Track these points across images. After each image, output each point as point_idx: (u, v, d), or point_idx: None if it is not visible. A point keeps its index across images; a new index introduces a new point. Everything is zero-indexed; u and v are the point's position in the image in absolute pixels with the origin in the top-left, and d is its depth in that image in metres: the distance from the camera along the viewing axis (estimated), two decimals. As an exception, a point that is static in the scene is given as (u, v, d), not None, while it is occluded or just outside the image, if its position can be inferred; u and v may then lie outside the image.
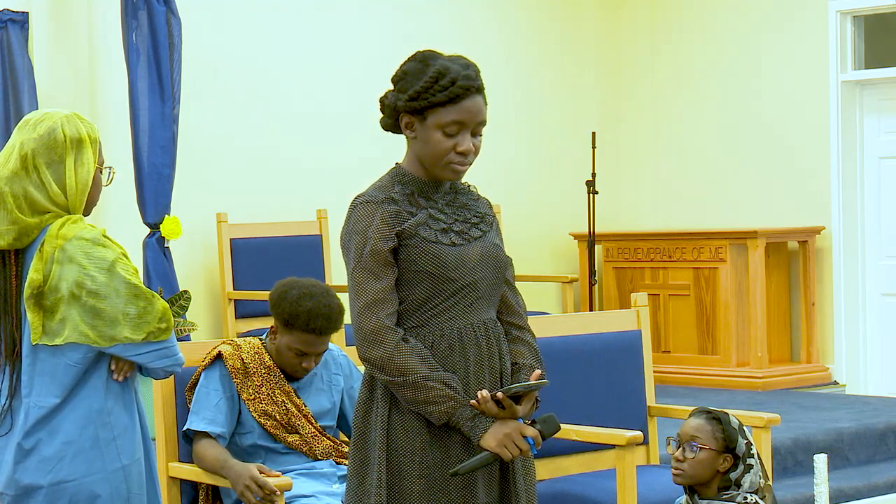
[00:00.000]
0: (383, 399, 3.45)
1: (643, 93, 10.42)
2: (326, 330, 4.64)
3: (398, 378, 3.38)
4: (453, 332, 3.45)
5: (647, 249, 9.54)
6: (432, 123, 3.44)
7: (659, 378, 7.47)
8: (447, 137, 3.43)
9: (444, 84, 3.41)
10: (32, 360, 3.69)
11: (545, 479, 5.15)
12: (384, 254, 3.41)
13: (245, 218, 8.73)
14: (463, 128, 3.43)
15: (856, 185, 9.38)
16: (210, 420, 4.63)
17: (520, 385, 3.42)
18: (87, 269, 3.64)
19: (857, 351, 9.34)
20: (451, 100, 3.41)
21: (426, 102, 3.42)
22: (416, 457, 3.43)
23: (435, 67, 3.43)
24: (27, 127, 3.75)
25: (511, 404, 3.41)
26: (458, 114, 3.42)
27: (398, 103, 3.46)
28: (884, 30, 9.39)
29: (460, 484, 3.43)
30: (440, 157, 3.45)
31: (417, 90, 3.43)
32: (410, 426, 3.43)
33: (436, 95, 3.41)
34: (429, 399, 3.38)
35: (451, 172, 3.47)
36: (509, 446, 3.41)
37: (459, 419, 3.40)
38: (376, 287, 3.40)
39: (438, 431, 3.44)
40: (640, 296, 5.62)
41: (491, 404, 3.40)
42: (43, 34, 8.18)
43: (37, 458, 3.67)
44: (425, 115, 3.44)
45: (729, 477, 4.35)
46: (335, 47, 9.29)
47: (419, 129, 3.46)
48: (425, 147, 3.46)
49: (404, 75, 3.47)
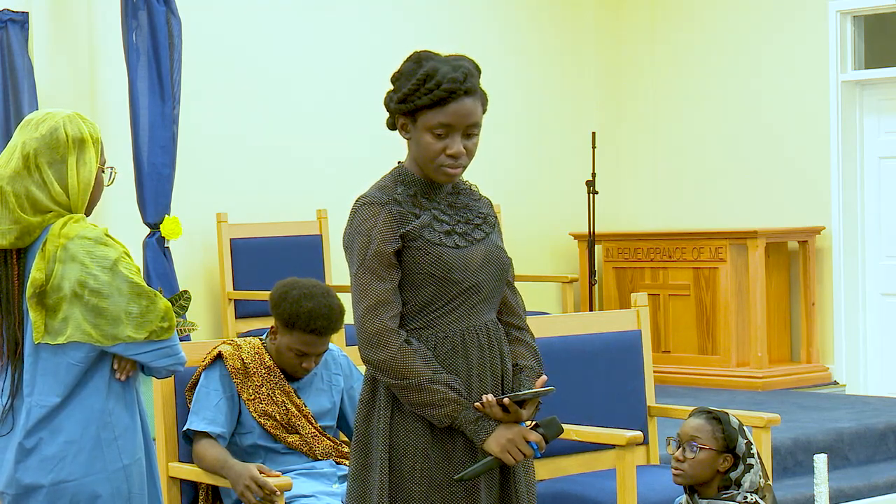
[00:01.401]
0: (385, 400, 3.45)
1: (643, 93, 10.42)
2: (327, 331, 4.64)
3: (401, 381, 3.37)
4: (456, 334, 3.45)
5: (647, 249, 9.54)
6: (422, 126, 3.43)
7: (659, 378, 7.47)
8: (436, 140, 3.42)
9: (430, 87, 3.39)
10: (34, 359, 3.69)
11: (545, 479, 5.15)
12: (388, 255, 3.40)
13: (245, 218, 8.73)
14: (452, 130, 3.42)
15: (856, 185, 9.38)
16: (210, 420, 4.63)
17: (527, 392, 3.42)
18: (89, 268, 3.64)
19: (857, 351, 9.34)
20: (437, 103, 3.40)
21: (413, 105, 3.42)
22: (418, 458, 3.42)
23: (424, 69, 3.42)
24: (29, 126, 3.75)
25: (516, 409, 3.41)
26: (445, 116, 3.41)
27: (390, 104, 3.47)
28: (884, 30, 9.39)
29: (462, 486, 3.43)
30: (431, 160, 3.44)
31: (405, 93, 3.43)
32: (413, 428, 3.43)
33: (421, 98, 3.40)
34: (432, 402, 3.38)
35: (443, 175, 3.46)
36: (513, 451, 3.40)
37: (463, 422, 3.40)
38: (380, 289, 3.40)
39: (441, 433, 3.43)
40: (640, 296, 5.62)
41: (496, 408, 3.40)
42: (43, 34, 8.18)
43: (38, 458, 3.67)
44: (415, 116, 3.44)
45: (729, 477, 4.35)
46: (335, 47, 9.29)
47: (412, 131, 3.47)
48: (418, 148, 3.46)
49: (400, 76, 3.47)
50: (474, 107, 3.44)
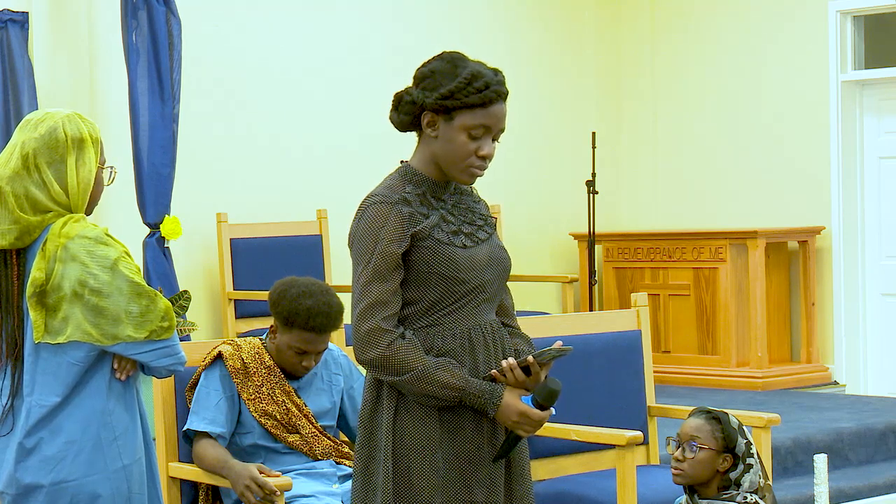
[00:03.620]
0: (389, 399, 3.46)
1: (643, 93, 10.42)
2: (326, 327, 4.64)
3: (399, 375, 3.39)
4: (463, 333, 3.48)
5: (647, 249, 9.54)
6: (459, 125, 3.45)
7: (659, 378, 7.47)
8: (471, 140, 3.45)
9: (479, 87, 3.43)
10: (34, 358, 3.69)
11: (545, 479, 5.15)
12: (394, 256, 3.41)
13: (245, 218, 8.73)
14: (487, 132, 3.46)
15: (856, 185, 9.38)
16: (210, 420, 4.63)
17: (550, 350, 3.46)
18: (89, 268, 3.64)
19: (857, 351, 9.34)
20: (483, 103, 3.43)
21: (458, 103, 3.43)
22: (423, 456, 3.43)
23: (468, 69, 3.44)
24: (28, 127, 3.75)
25: (538, 370, 3.46)
26: (486, 118, 3.45)
27: (426, 101, 3.45)
28: (884, 30, 9.39)
29: (467, 483, 3.44)
30: (461, 160, 3.46)
31: (451, 89, 3.43)
32: (417, 426, 3.44)
33: (469, 97, 3.42)
34: (436, 384, 3.39)
35: (467, 176, 3.49)
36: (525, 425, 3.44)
37: (470, 396, 3.42)
38: (380, 289, 3.41)
39: (445, 431, 3.44)
40: (640, 296, 5.62)
41: (518, 371, 3.44)
42: (43, 34, 8.18)
43: (38, 458, 3.67)
44: (453, 115, 3.44)
45: (729, 477, 4.35)
46: (335, 47, 9.29)
47: (443, 129, 3.46)
48: (446, 147, 3.47)
49: (431, 74, 3.47)
50: (506, 113, 3.50)
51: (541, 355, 3.46)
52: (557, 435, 5.06)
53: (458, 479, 3.45)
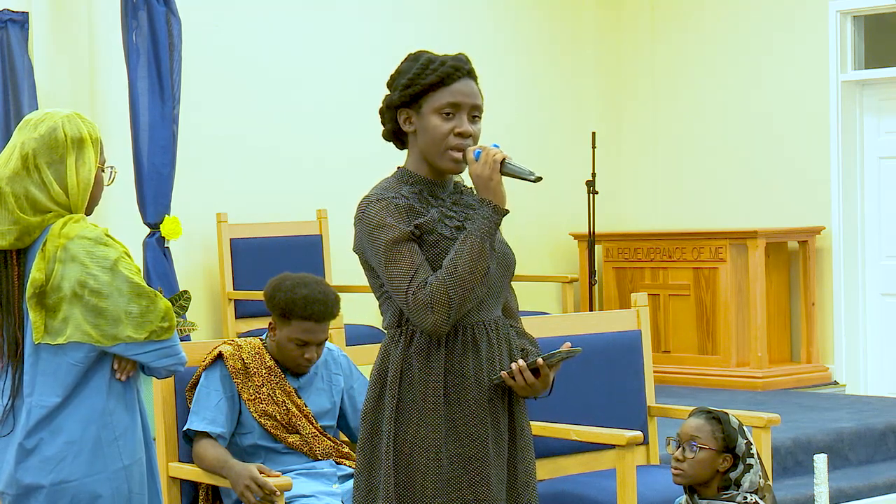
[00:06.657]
0: (391, 398, 3.46)
1: (643, 93, 10.42)
2: (324, 315, 4.65)
3: (456, 288, 3.36)
4: (466, 329, 3.47)
5: (647, 249, 9.54)
6: (428, 110, 3.48)
7: (659, 378, 7.46)
8: (444, 121, 3.48)
9: (434, 67, 3.48)
10: (34, 359, 3.69)
11: (545, 479, 5.15)
12: (405, 234, 3.41)
13: (245, 218, 8.73)
14: (458, 109, 3.48)
15: (856, 185, 9.38)
16: (210, 420, 4.64)
17: (559, 352, 3.47)
18: (89, 268, 3.64)
19: (856, 351, 9.34)
20: (442, 80, 3.47)
21: (419, 87, 3.47)
22: (425, 456, 3.43)
23: (425, 57, 3.52)
24: (28, 127, 3.75)
25: (547, 372, 3.47)
26: (452, 95, 3.48)
27: (394, 99, 3.51)
28: (884, 30, 9.39)
29: (469, 482, 3.44)
30: (440, 143, 3.48)
31: (410, 77, 3.49)
32: (419, 425, 3.43)
33: (426, 78, 3.47)
34: (472, 253, 3.37)
35: (450, 161, 3.49)
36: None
37: (490, 224, 3.42)
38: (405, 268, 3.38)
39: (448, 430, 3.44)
40: (640, 296, 5.62)
41: (527, 373, 3.45)
42: (43, 34, 8.18)
43: (38, 458, 3.67)
44: (420, 103, 3.48)
45: (729, 477, 4.36)
46: (335, 47, 9.29)
47: (417, 121, 3.50)
48: (425, 136, 3.49)
49: (397, 74, 3.55)
50: (477, 89, 3.52)
51: (550, 357, 3.47)
52: (557, 435, 5.07)
53: (461, 479, 3.45)
